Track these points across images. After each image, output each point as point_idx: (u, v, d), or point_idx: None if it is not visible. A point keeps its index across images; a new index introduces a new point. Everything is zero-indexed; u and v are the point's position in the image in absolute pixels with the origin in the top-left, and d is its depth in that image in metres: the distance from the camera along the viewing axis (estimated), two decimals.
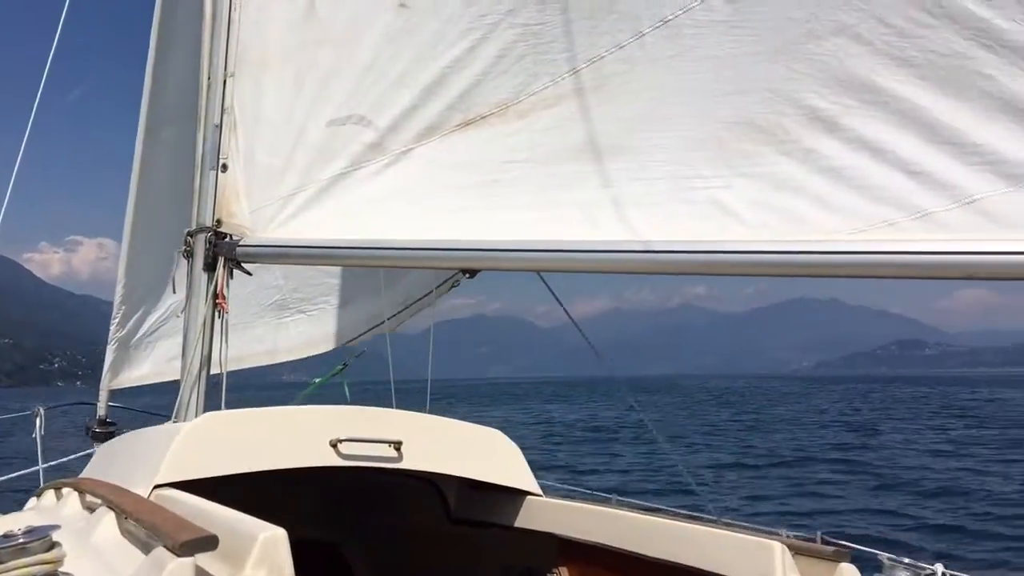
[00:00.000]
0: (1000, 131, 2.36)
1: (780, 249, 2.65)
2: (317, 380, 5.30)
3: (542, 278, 3.86)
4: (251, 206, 3.78)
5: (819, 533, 3.07)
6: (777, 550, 2.39)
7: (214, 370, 3.78)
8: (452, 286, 4.55)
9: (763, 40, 2.75)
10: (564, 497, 3.39)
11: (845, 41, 2.59)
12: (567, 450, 25.59)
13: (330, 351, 5.40)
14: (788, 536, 2.85)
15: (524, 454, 3.36)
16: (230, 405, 3.57)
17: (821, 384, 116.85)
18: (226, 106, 3.80)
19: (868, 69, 2.57)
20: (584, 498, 3.83)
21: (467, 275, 3.89)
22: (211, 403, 3.80)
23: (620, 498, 3.82)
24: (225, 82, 3.81)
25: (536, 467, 3.40)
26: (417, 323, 5.13)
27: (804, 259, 2.61)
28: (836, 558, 2.43)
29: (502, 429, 3.40)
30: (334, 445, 2.92)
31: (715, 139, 2.87)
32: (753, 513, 14.14)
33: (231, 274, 3.77)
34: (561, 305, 4.00)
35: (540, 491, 3.31)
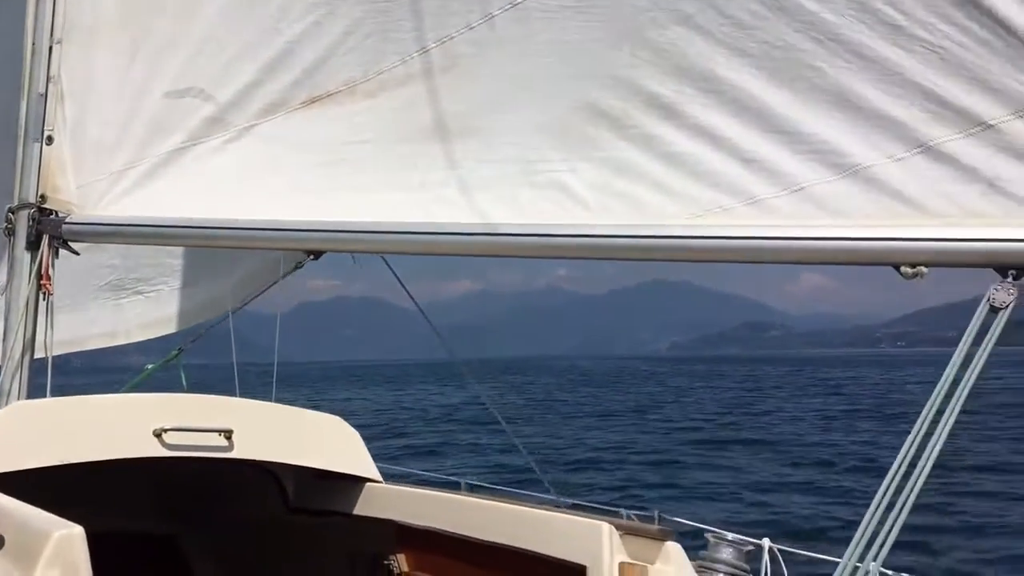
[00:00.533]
0: (827, 121, 2.45)
1: (620, 233, 2.69)
2: (149, 366, 5.08)
3: (386, 261, 3.81)
4: (79, 181, 3.57)
5: (657, 512, 3.13)
6: (605, 531, 2.44)
7: (39, 354, 3.56)
8: (296, 267, 4.43)
9: (608, 26, 2.77)
10: (405, 483, 3.36)
11: (685, 31, 2.63)
12: (459, 431, 25.36)
13: (178, 332, 5.18)
14: (629, 516, 2.90)
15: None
16: (60, 391, 3.37)
17: (688, 364, 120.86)
18: (52, 74, 3.57)
19: (707, 58, 2.61)
20: (429, 483, 3.80)
21: (311, 257, 3.79)
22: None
23: (471, 482, 3.81)
24: (51, 48, 3.57)
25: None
26: (276, 304, 4.97)
27: (643, 243, 2.66)
28: (662, 537, 2.50)
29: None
30: (158, 435, 2.80)
31: (561, 123, 2.88)
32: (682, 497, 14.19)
33: (57, 253, 3.56)
34: (404, 288, 3.98)
35: (380, 477, 3.26)
